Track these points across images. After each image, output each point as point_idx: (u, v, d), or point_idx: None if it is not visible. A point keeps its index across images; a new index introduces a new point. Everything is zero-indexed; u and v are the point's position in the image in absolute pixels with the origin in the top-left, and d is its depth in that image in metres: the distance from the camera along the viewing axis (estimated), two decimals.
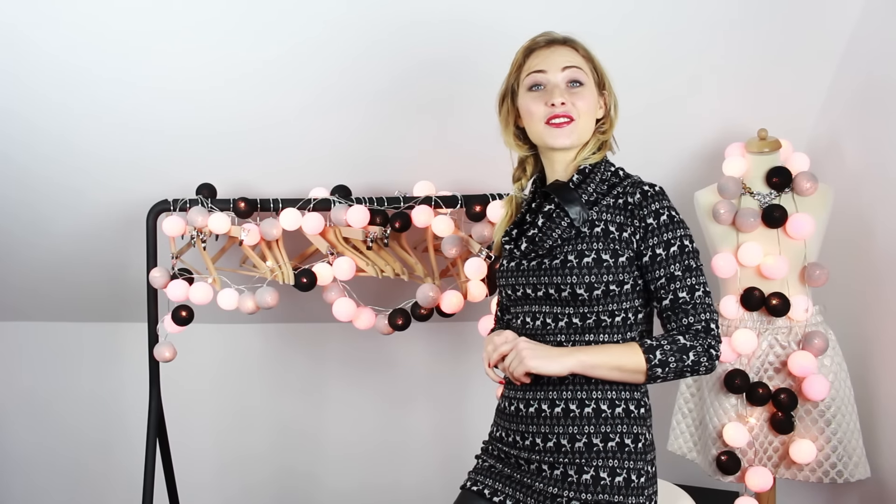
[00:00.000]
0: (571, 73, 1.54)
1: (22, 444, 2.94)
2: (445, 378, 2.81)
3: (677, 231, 1.49)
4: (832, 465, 2.03)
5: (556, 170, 1.59)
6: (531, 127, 1.57)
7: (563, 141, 1.53)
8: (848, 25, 2.10)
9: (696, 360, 1.46)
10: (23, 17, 2.03)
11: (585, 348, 1.49)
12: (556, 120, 1.52)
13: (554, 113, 1.52)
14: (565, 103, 1.52)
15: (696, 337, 1.46)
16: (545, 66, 1.54)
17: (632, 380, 1.48)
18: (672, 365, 1.45)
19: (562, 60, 1.54)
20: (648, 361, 1.45)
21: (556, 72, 1.53)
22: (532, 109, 1.55)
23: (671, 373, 1.46)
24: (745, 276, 2.09)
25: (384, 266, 2.25)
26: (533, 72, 1.55)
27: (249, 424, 2.87)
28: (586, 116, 1.54)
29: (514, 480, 1.57)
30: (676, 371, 1.46)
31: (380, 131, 2.29)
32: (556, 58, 1.55)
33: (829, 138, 2.26)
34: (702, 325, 1.47)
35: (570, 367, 1.46)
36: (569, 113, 1.52)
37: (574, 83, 1.54)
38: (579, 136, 1.55)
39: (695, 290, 1.48)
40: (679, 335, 1.47)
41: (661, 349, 1.46)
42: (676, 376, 1.47)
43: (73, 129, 2.26)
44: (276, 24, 2.09)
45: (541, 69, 1.54)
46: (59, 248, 2.55)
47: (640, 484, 1.50)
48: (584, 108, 1.53)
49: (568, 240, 1.53)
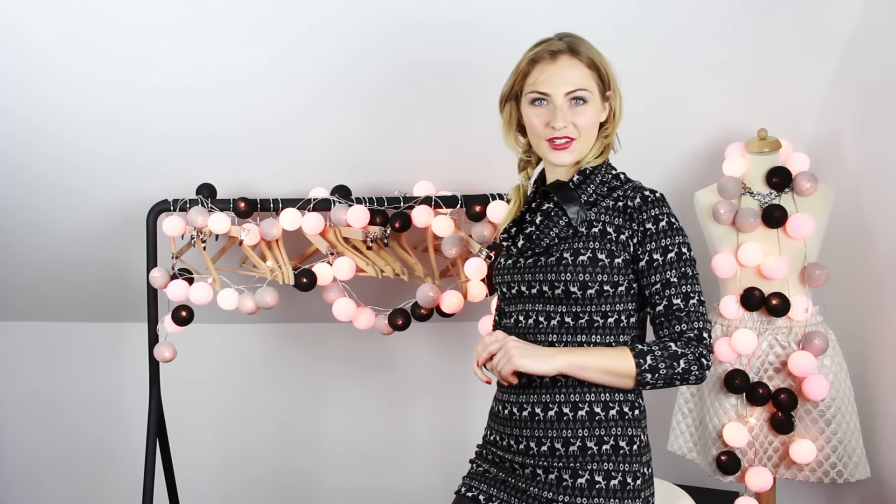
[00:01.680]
0: (574, 94, 1.52)
1: (22, 444, 2.94)
2: (445, 378, 2.81)
3: (676, 238, 1.49)
4: (832, 465, 2.03)
5: (558, 171, 1.60)
6: (532, 139, 1.58)
7: (563, 159, 1.54)
8: (848, 25, 2.10)
9: (686, 368, 1.45)
10: (23, 16, 2.03)
11: (576, 350, 1.48)
12: (557, 141, 1.52)
13: (554, 136, 1.52)
14: (567, 126, 1.51)
15: (688, 345, 1.45)
16: (547, 87, 1.51)
17: (620, 384, 1.47)
18: (662, 371, 1.44)
19: (566, 81, 1.51)
20: (639, 366, 1.44)
21: (560, 96, 1.51)
22: (534, 123, 1.55)
23: (661, 379, 1.45)
24: (745, 276, 2.09)
25: (384, 266, 2.25)
26: (535, 91, 1.53)
27: (249, 424, 2.87)
28: (587, 133, 1.54)
29: (509, 485, 1.57)
30: (666, 378, 1.45)
31: (380, 131, 2.29)
32: (561, 77, 1.51)
33: (829, 138, 2.26)
34: (694, 332, 1.46)
35: (558, 368, 1.45)
36: (569, 135, 1.52)
37: (577, 100, 1.52)
38: (580, 153, 1.55)
39: (689, 297, 1.47)
40: (671, 342, 1.46)
41: (651, 355, 1.45)
42: (666, 384, 1.46)
43: (73, 128, 2.26)
44: (275, 23, 2.08)
45: (543, 91, 1.52)
46: (59, 247, 2.55)
47: (637, 486, 1.49)
48: (586, 125, 1.53)
49: (565, 238, 1.53)
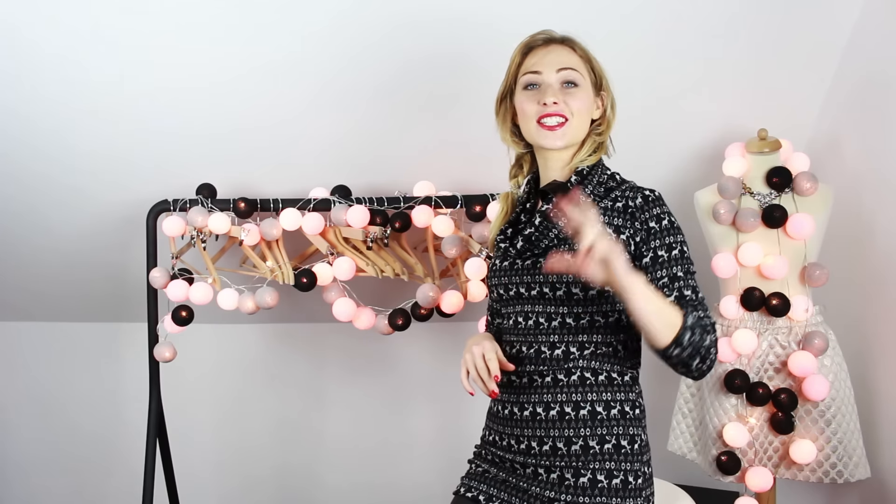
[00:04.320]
0: (566, 74, 1.54)
1: (22, 444, 2.94)
2: (445, 378, 2.81)
3: (677, 236, 1.50)
4: (832, 465, 2.03)
5: (551, 168, 1.59)
6: (524, 125, 1.58)
7: (554, 142, 1.54)
8: (848, 25, 2.10)
9: (710, 346, 1.42)
10: (23, 16, 2.04)
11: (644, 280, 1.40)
12: (548, 120, 1.52)
13: (546, 112, 1.52)
14: (558, 103, 1.52)
15: (710, 329, 1.44)
16: (540, 66, 1.54)
17: (660, 333, 1.39)
18: (696, 338, 1.40)
19: (557, 61, 1.54)
20: (684, 321, 1.39)
21: (551, 73, 1.54)
22: (525, 108, 1.55)
23: (690, 346, 1.40)
24: (745, 276, 2.09)
25: (384, 266, 2.25)
26: (528, 72, 1.56)
27: (249, 424, 2.87)
28: (580, 116, 1.54)
29: (510, 485, 1.57)
30: (694, 347, 1.40)
31: (380, 131, 2.29)
32: (553, 58, 1.55)
33: (829, 138, 2.26)
34: (710, 320, 1.45)
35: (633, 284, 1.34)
36: (561, 112, 1.52)
37: (569, 84, 1.54)
38: (572, 137, 1.54)
39: (697, 291, 1.48)
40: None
41: (693, 316, 1.41)
42: (689, 355, 1.40)
43: (72, 128, 2.26)
44: (275, 24, 2.09)
45: (536, 70, 1.55)
46: (59, 247, 2.55)
47: (638, 485, 1.49)
48: (578, 107, 1.53)
49: (564, 239, 1.52)
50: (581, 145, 1.57)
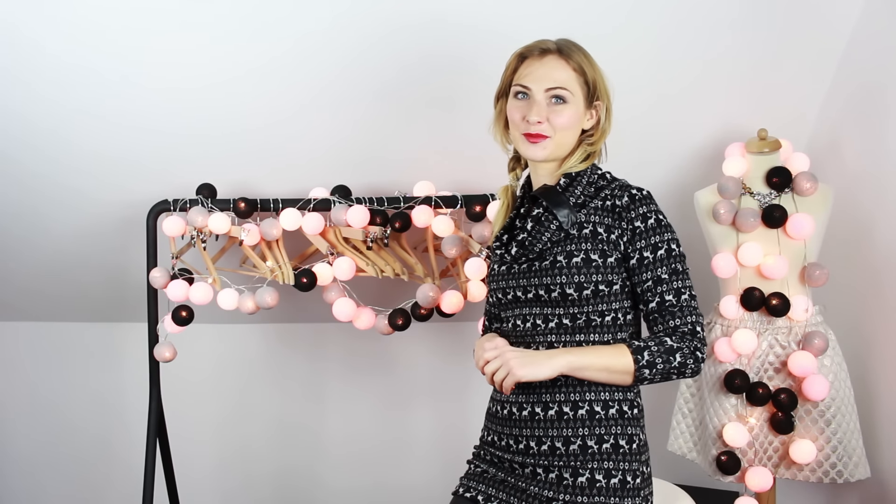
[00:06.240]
0: (554, 92, 1.54)
1: (22, 444, 2.94)
2: (445, 378, 2.81)
3: (664, 235, 1.50)
4: (832, 465, 2.03)
5: (541, 174, 1.61)
6: (511, 131, 1.60)
7: (536, 153, 1.55)
8: (848, 25, 2.10)
9: (682, 362, 1.46)
10: (22, 16, 2.03)
11: (573, 350, 1.50)
12: (531, 139, 1.54)
13: (528, 131, 1.54)
14: (542, 122, 1.52)
15: (683, 339, 1.47)
16: (530, 81, 1.54)
17: (619, 381, 1.49)
18: (659, 366, 1.46)
19: (548, 78, 1.53)
20: (636, 362, 1.46)
21: (540, 91, 1.53)
22: (513, 116, 1.57)
23: (658, 374, 1.47)
24: (745, 276, 2.09)
25: (384, 266, 2.25)
26: (519, 84, 1.56)
27: (249, 424, 2.87)
28: (563, 133, 1.54)
29: (509, 485, 1.57)
30: (663, 373, 1.47)
31: (380, 131, 2.29)
32: (544, 73, 1.54)
33: (829, 138, 2.26)
34: (688, 327, 1.48)
35: (558, 369, 1.46)
36: (543, 133, 1.53)
37: (557, 98, 1.54)
38: (553, 152, 1.55)
39: (681, 293, 1.49)
40: (666, 337, 1.48)
41: (648, 350, 1.46)
42: (663, 378, 1.48)
43: (72, 128, 2.26)
44: (275, 24, 2.09)
45: (525, 84, 1.55)
46: (59, 248, 2.54)
47: (636, 485, 1.50)
48: (562, 124, 1.53)
49: (557, 242, 1.54)
50: (571, 154, 1.58)
